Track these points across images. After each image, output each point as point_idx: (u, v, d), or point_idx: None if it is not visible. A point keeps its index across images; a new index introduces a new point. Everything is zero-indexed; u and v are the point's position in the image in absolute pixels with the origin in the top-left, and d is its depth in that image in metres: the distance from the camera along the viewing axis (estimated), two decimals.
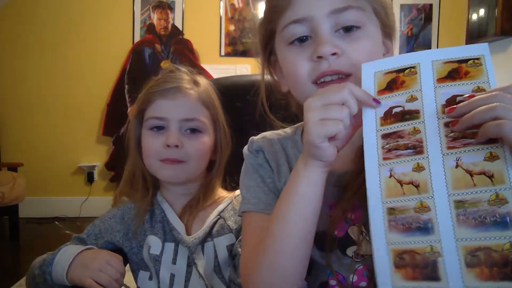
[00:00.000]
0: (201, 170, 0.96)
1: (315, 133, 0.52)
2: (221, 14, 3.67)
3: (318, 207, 0.58)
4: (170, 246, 0.91)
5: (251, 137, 0.76)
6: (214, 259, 0.90)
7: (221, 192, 0.99)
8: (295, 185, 0.58)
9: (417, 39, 3.66)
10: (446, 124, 0.47)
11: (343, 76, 0.61)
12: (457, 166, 0.45)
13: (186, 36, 3.60)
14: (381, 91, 0.52)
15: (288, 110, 0.77)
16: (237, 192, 0.97)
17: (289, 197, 0.58)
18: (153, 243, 0.92)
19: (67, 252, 0.87)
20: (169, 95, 0.92)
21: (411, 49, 3.65)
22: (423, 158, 0.47)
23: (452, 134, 0.46)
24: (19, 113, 3.60)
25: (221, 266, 0.90)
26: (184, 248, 0.90)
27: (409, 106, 0.50)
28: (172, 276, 0.90)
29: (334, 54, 0.59)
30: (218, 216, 0.94)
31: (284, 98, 0.75)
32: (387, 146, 0.50)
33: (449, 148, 0.46)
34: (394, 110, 0.51)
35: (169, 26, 3.59)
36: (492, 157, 0.44)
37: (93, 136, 3.66)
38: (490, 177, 0.43)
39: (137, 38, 3.61)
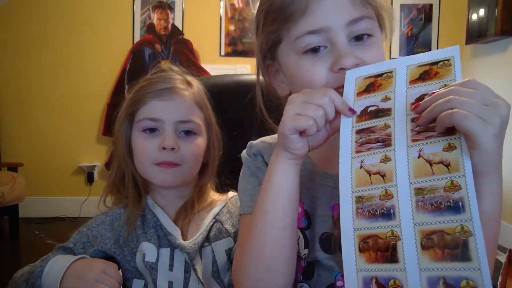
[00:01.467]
0: (196, 172, 0.94)
1: (287, 125, 0.56)
2: (221, 14, 3.67)
3: (293, 197, 0.60)
4: (165, 252, 0.88)
5: (250, 142, 0.76)
6: (212, 264, 0.88)
7: (214, 195, 0.97)
8: (268, 176, 0.61)
9: (417, 39, 3.66)
10: (413, 120, 0.51)
11: None
12: (419, 156, 0.48)
13: (186, 36, 3.60)
14: (360, 93, 0.57)
15: (280, 112, 0.77)
16: (230, 194, 0.97)
17: (265, 188, 0.61)
18: (148, 250, 0.88)
19: (58, 263, 0.82)
20: (164, 96, 0.90)
21: (411, 49, 3.65)
22: (390, 150, 0.51)
23: (417, 128, 0.50)
24: (19, 113, 3.60)
25: (220, 271, 0.88)
26: (181, 253, 0.87)
27: (383, 105, 0.54)
28: (170, 283, 0.86)
29: (356, 65, 0.61)
30: (214, 220, 0.91)
31: (276, 100, 0.75)
32: (360, 140, 0.54)
33: (413, 140, 0.49)
34: (369, 109, 0.55)
35: (169, 26, 3.60)
36: (450, 148, 0.47)
37: (93, 136, 3.66)
38: (447, 165, 0.46)
39: (137, 38, 3.61)
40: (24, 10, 3.56)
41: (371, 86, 0.56)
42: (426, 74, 0.53)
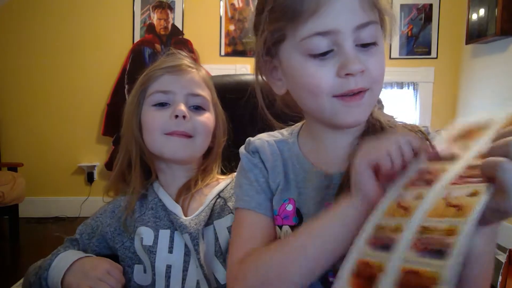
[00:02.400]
0: (206, 147, 0.95)
1: (359, 159, 0.54)
2: (221, 14, 3.67)
3: (342, 246, 0.56)
4: (165, 233, 0.88)
5: (248, 138, 0.77)
6: (215, 243, 0.87)
7: (219, 176, 0.98)
8: (324, 219, 0.58)
9: (417, 39, 3.66)
10: (469, 167, 0.47)
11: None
12: (444, 197, 0.46)
13: (186, 36, 3.60)
14: (455, 138, 0.54)
15: (273, 108, 0.75)
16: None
17: (316, 230, 0.59)
18: (145, 233, 0.88)
19: (65, 258, 0.85)
20: (174, 71, 0.93)
21: (411, 49, 3.65)
22: (427, 189, 0.49)
23: (463, 173, 0.47)
24: (19, 113, 3.60)
25: (222, 249, 0.87)
26: (181, 234, 0.87)
27: (459, 151, 0.51)
28: (169, 267, 0.86)
29: (361, 71, 0.60)
30: (218, 196, 0.92)
31: (268, 95, 0.74)
32: (414, 178, 0.52)
33: (452, 184, 0.47)
34: (443, 153, 0.53)
35: (169, 26, 3.59)
36: (473, 194, 0.44)
37: (93, 136, 3.65)
38: (459, 209, 0.43)
39: (137, 38, 3.61)
40: (24, 10, 3.56)
41: (468, 133, 0.53)
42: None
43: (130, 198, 0.93)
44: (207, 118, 0.93)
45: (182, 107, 0.89)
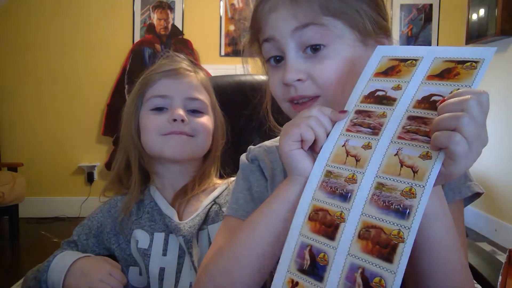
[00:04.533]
0: (206, 148, 0.95)
1: (282, 141, 0.55)
2: (221, 14, 3.67)
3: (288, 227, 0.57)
4: (160, 236, 0.88)
5: (250, 146, 0.76)
6: (208, 247, 0.85)
7: (216, 180, 0.98)
8: (269, 201, 0.58)
9: (417, 39, 3.66)
10: (410, 117, 0.50)
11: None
12: (396, 154, 0.49)
13: (186, 36, 3.60)
14: (378, 74, 0.56)
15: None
16: (232, 178, 0.96)
17: (262, 210, 0.58)
18: (140, 237, 0.88)
19: (64, 259, 0.84)
20: (172, 75, 0.93)
21: None
22: (375, 139, 0.51)
23: (408, 127, 0.49)
24: (19, 113, 3.60)
25: None
26: (175, 237, 0.86)
27: (391, 93, 0.53)
28: (162, 270, 0.86)
29: (298, 79, 0.61)
30: (213, 202, 0.92)
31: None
32: (355, 120, 0.54)
33: (398, 137, 0.49)
34: (377, 93, 0.54)
35: (169, 26, 3.59)
36: (426, 156, 0.47)
37: (93, 136, 3.65)
38: (415, 172, 0.46)
39: (137, 38, 3.61)
40: (24, 10, 3.56)
41: (391, 70, 0.55)
42: (447, 72, 0.50)
43: (128, 200, 0.92)
44: (206, 120, 0.93)
45: (180, 111, 0.89)
